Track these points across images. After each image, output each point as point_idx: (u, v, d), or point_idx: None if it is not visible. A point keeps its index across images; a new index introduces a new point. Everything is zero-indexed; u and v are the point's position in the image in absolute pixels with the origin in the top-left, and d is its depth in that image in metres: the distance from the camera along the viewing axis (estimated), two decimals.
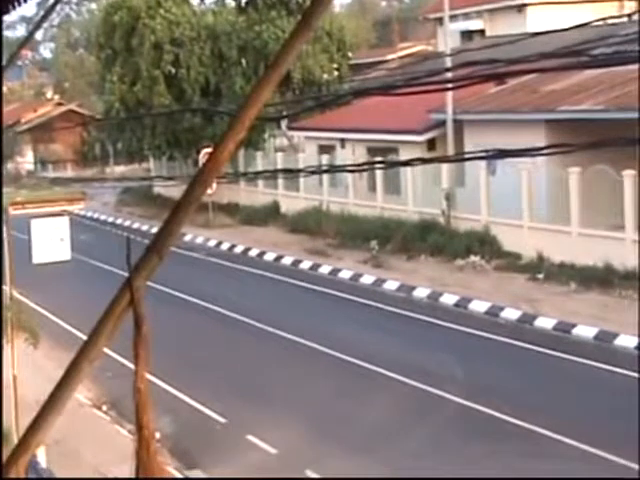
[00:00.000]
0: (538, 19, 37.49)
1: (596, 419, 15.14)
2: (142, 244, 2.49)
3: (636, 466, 13.00)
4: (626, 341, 18.72)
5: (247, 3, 39.00)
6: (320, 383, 17.45)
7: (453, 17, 35.33)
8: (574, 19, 10.35)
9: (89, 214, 38.78)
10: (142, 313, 4.15)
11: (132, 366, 2.38)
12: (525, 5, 41.07)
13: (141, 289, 4.89)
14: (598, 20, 10.50)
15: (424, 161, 9.27)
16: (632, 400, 15.91)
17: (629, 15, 27.67)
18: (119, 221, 39.00)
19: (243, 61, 37.48)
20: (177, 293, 24.63)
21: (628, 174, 23.16)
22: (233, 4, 40.25)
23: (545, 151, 8.09)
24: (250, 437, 14.94)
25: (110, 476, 13.64)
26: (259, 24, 37.42)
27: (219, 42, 37.55)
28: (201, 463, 14.39)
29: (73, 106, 58.83)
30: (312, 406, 16.24)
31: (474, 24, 43.50)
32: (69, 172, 54.83)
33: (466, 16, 43.32)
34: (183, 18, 37.66)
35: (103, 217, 40.20)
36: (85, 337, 2.46)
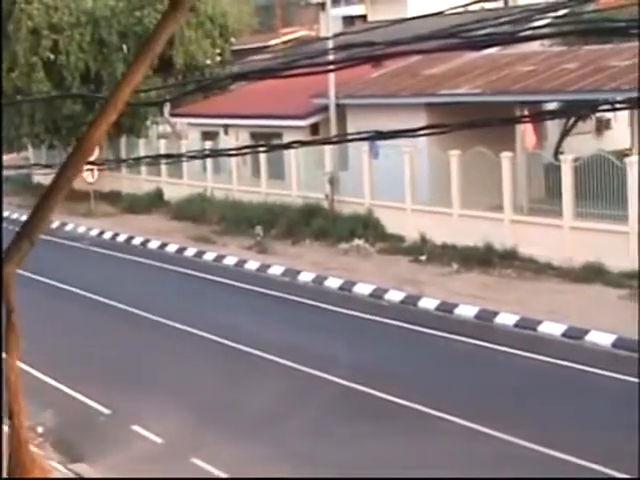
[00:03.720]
0: (419, 4, 37.90)
1: (478, 396, 15.45)
2: None
3: (516, 439, 13.34)
4: (505, 319, 19.15)
5: None
6: (206, 370, 17.36)
7: (335, 2, 35.50)
8: (453, 4, 10.49)
9: None
10: (12, 300, 4.05)
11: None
12: None
13: (12, 275, 4.76)
14: (474, 3, 10.69)
15: (304, 143, 9.34)
16: (512, 376, 16.36)
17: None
18: None
19: (124, 47, 36.88)
20: (57, 284, 24.18)
21: (505, 156, 23.69)
22: None
23: (422, 132, 8.20)
24: (135, 427, 14.74)
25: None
26: (140, 9, 36.91)
27: (99, 28, 36.83)
28: (86, 456, 14.14)
29: None
30: (198, 394, 16.14)
31: (356, 9, 43.81)
32: None
33: (348, 1, 43.58)
34: (61, 3, 36.79)
35: None
36: None
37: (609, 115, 30.09)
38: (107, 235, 31.52)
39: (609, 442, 13.18)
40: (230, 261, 26.31)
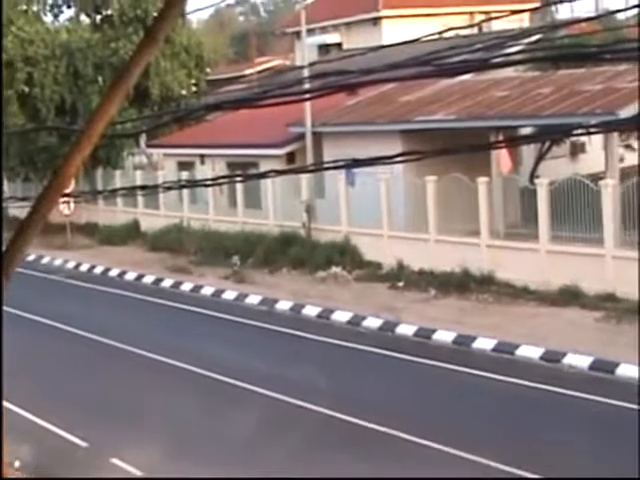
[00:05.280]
0: (393, 32, 38.21)
1: (457, 421, 15.43)
2: None
3: (498, 465, 13.33)
4: (483, 343, 19.17)
5: (102, 20, 38.45)
6: (184, 401, 17.26)
7: (310, 31, 35.67)
8: (427, 31, 10.59)
9: None
10: None
11: None
12: (380, 18, 41.86)
13: None
14: (448, 30, 10.78)
15: (280, 172, 9.34)
16: (490, 400, 16.36)
17: (478, 25, 28.55)
18: None
19: (99, 78, 36.90)
20: (34, 317, 24.00)
21: (482, 181, 23.82)
22: (88, 21, 39.63)
23: (398, 159, 8.25)
24: (114, 460, 14.62)
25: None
26: (115, 41, 36.94)
27: (74, 60, 36.84)
28: None
29: None
30: (177, 425, 16.03)
31: (331, 38, 44.07)
32: None
33: (323, 30, 43.83)
34: (36, 36, 36.78)
35: None
36: None
37: (584, 139, 30.34)
38: (84, 267, 31.38)
39: (588, 465, 13.20)
40: (207, 291, 26.24)
